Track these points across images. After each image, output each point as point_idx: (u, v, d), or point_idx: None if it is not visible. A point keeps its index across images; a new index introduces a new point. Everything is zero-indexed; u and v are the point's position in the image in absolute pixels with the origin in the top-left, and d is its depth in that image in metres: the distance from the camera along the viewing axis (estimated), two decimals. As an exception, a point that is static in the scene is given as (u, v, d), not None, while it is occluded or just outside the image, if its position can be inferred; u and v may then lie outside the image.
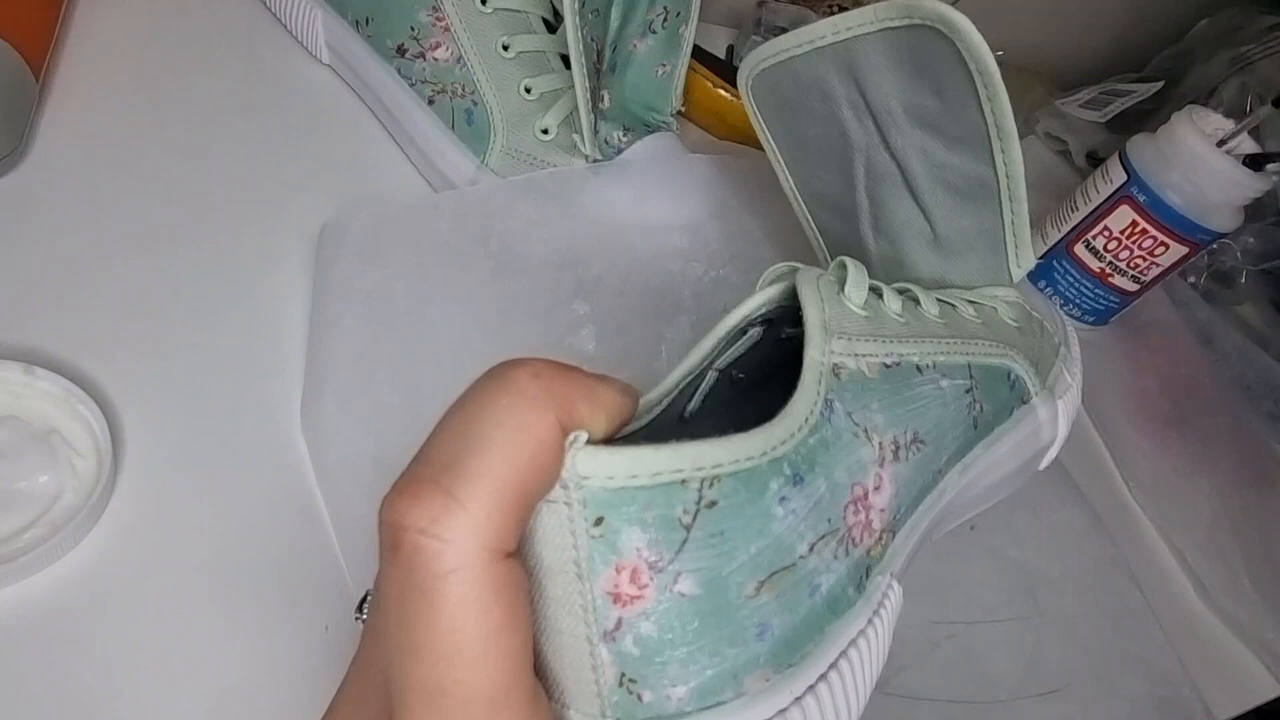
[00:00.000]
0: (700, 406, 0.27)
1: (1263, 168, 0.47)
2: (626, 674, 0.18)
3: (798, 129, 0.35)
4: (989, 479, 0.31)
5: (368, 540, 0.32)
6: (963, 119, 0.29)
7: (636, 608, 0.18)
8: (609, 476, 0.18)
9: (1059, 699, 0.36)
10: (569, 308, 0.40)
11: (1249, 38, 0.61)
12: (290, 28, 0.49)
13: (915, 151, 0.31)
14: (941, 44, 0.27)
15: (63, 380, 0.32)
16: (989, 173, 0.30)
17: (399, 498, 0.16)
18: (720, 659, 0.19)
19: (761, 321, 0.27)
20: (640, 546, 0.18)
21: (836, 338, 0.24)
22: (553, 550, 0.18)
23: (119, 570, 0.30)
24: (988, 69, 0.27)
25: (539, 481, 0.17)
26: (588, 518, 0.18)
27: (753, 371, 0.28)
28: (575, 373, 0.18)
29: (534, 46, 0.44)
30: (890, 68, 0.29)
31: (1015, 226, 0.31)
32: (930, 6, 0.27)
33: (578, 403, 0.18)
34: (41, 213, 0.38)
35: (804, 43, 0.31)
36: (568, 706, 0.18)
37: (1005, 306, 0.32)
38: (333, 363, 0.35)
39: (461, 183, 0.44)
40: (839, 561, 0.22)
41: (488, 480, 0.16)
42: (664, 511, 0.18)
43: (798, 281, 0.25)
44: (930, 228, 0.32)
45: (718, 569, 0.19)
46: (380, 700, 0.17)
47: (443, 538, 0.15)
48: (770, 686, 0.20)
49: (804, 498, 0.21)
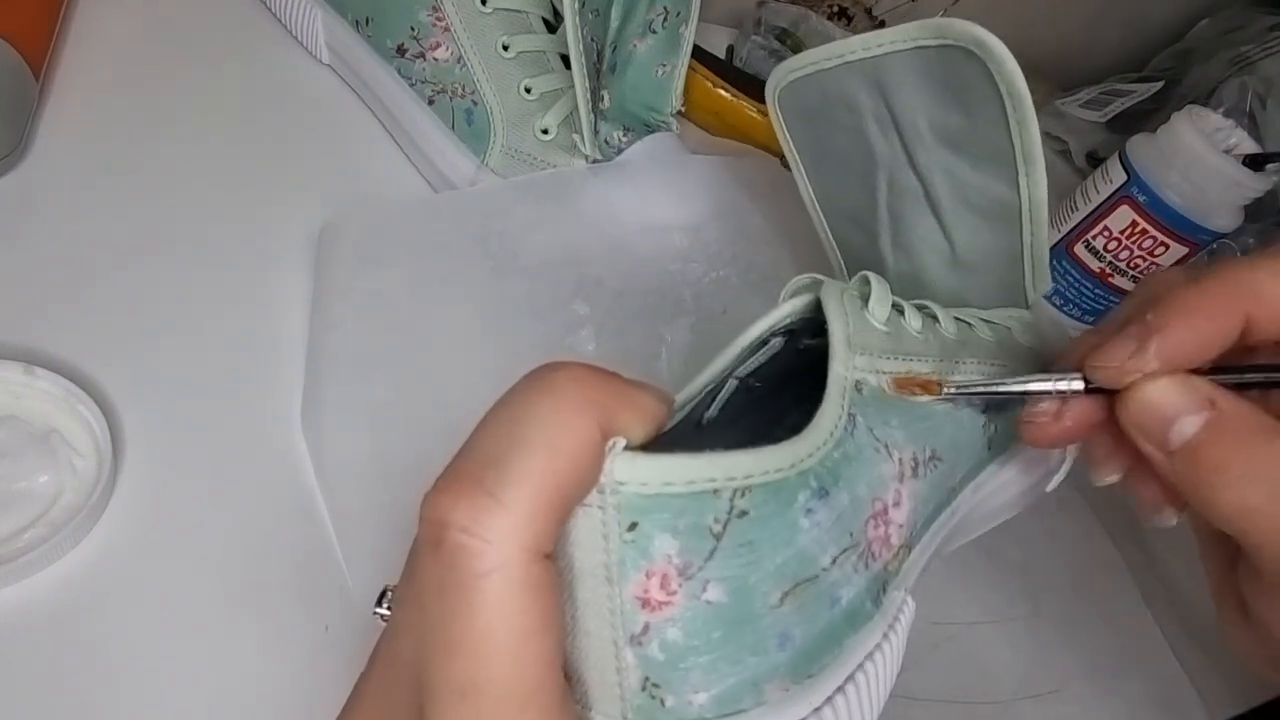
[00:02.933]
0: (718, 414, 0.27)
1: (1263, 168, 0.47)
2: (650, 678, 0.18)
3: (822, 141, 0.35)
4: (998, 499, 0.31)
5: (368, 540, 0.32)
6: (989, 140, 0.29)
7: (664, 613, 0.18)
8: (644, 483, 0.18)
9: (1058, 699, 0.36)
10: (569, 308, 0.40)
11: (1249, 38, 0.61)
12: (290, 28, 0.49)
13: (939, 169, 0.31)
14: (973, 65, 0.27)
15: (63, 380, 0.32)
16: (1012, 195, 0.30)
17: (443, 495, 0.16)
18: (742, 667, 0.19)
19: (784, 332, 0.27)
20: (671, 553, 0.18)
21: (859, 353, 0.24)
22: (584, 553, 0.18)
23: (119, 570, 0.30)
24: (1018, 92, 0.27)
25: (579, 485, 0.17)
26: (621, 523, 0.18)
27: (768, 380, 0.28)
28: (616, 378, 0.18)
29: (534, 46, 0.44)
30: (920, 86, 0.30)
31: (1034, 249, 0.31)
32: (964, 28, 0.27)
33: (618, 409, 0.18)
34: (41, 213, 0.38)
35: (834, 57, 0.31)
36: (590, 708, 0.19)
37: (1019, 327, 0.33)
38: (333, 363, 0.35)
39: (461, 183, 0.44)
40: (859, 575, 0.22)
41: (530, 482, 0.16)
42: (696, 519, 0.18)
43: (822, 295, 0.25)
44: (949, 246, 0.33)
45: (744, 578, 0.19)
46: (408, 694, 0.18)
47: (485, 537, 0.16)
48: (789, 696, 0.20)
49: (828, 511, 0.21)
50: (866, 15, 0.63)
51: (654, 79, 0.47)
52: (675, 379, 0.22)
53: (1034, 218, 0.30)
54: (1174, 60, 0.67)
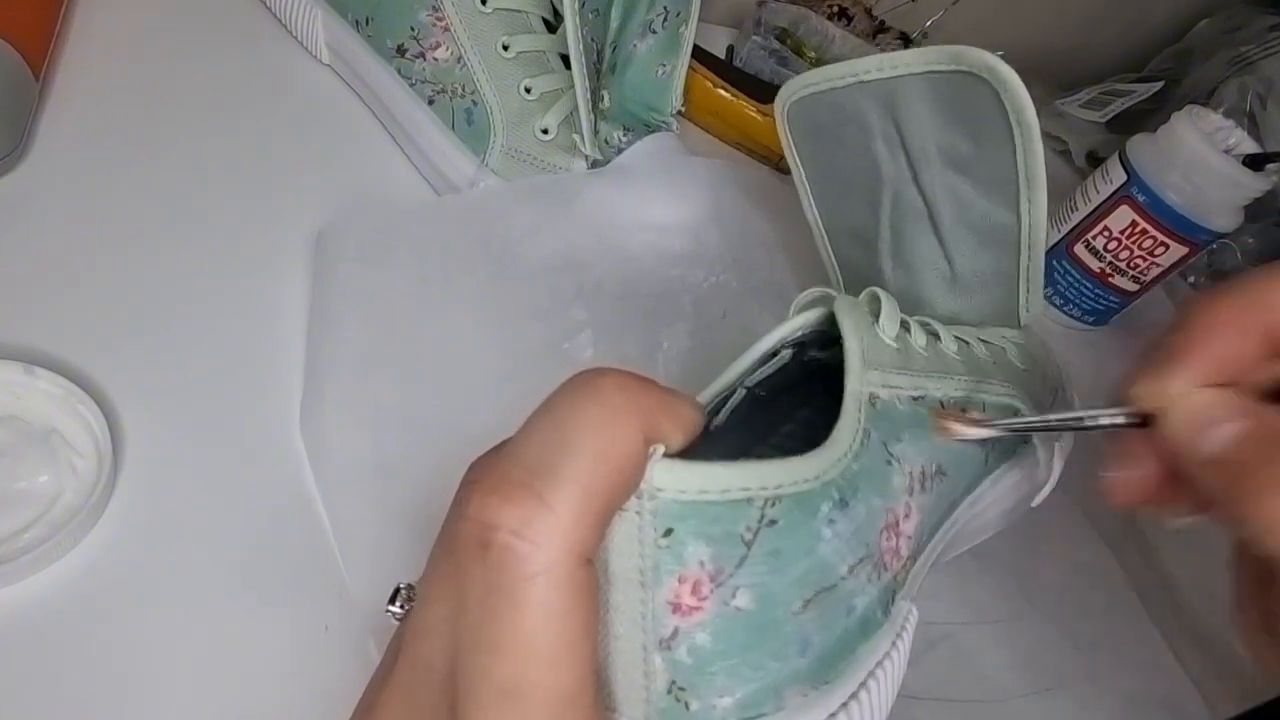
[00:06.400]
0: (725, 421, 0.28)
1: (1263, 168, 0.47)
2: (677, 682, 0.19)
3: (829, 157, 0.35)
4: (991, 512, 0.32)
5: (367, 540, 0.32)
6: (995, 165, 0.30)
7: (694, 618, 0.19)
8: (681, 490, 0.18)
9: (1055, 698, 0.36)
10: (568, 312, 0.40)
11: (1249, 38, 0.61)
12: (290, 28, 0.49)
13: (944, 190, 0.32)
14: (984, 92, 0.28)
15: (63, 380, 0.32)
16: (1012, 219, 0.31)
17: (491, 497, 0.16)
18: (764, 672, 0.20)
19: (793, 344, 0.28)
20: (704, 559, 0.19)
21: (872, 368, 0.25)
22: (620, 557, 0.18)
23: (119, 570, 0.30)
24: (1027, 121, 0.28)
25: (622, 491, 0.17)
26: (658, 528, 0.18)
27: (773, 390, 0.29)
28: (656, 386, 0.19)
29: (534, 46, 0.44)
30: (931, 109, 0.30)
31: (1030, 273, 0.32)
32: (978, 56, 0.28)
33: (660, 416, 0.18)
34: (41, 213, 0.38)
35: (848, 75, 0.32)
36: (614, 710, 0.19)
37: (1013, 348, 0.34)
38: (333, 364, 0.35)
39: (461, 182, 0.44)
40: (872, 584, 0.23)
41: (577, 487, 0.16)
42: (729, 527, 0.19)
43: (837, 311, 0.26)
44: (949, 265, 0.33)
45: (771, 585, 0.20)
46: (435, 694, 0.18)
47: (534, 540, 0.16)
48: (808, 702, 0.21)
49: (848, 521, 0.22)
50: (866, 15, 0.63)
51: (654, 79, 0.47)
52: (673, 384, 0.22)
53: (1033, 242, 0.31)
54: (1174, 60, 0.67)
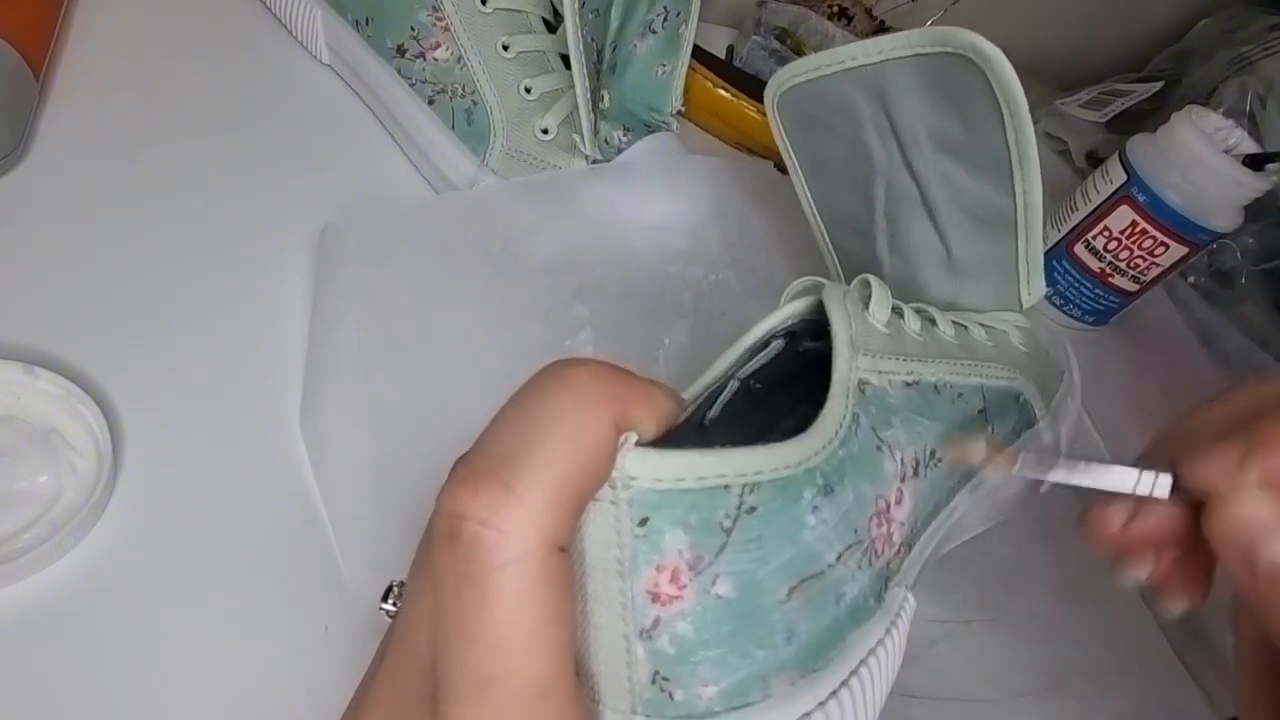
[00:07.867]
0: (719, 414, 0.28)
1: (1263, 168, 0.47)
2: (660, 672, 0.19)
3: (821, 146, 0.35)
4: (994, 499, 0.32)
5: (367, 540, 0.32)
6: (986, 147, 0.30)
7: (675, 608, 0.18)
8: (657, 479, 0.18)
9: (1056, 696, 0.36)
10: (569, 311, 0.40)
11: (1249, 38, 0.61)
12: (290, 28, 0.49)
13: (936, 175, 0.32)
14: (972, 73, 0.28)
15: (63, 380, 0.32)
16: (1008, 201, 0.30)
17: (459, 487, 0.16)
18: (750, 661, 0.19)
19: (785, 334, 0.28)
20: (682, 548, 0.18)
21: (862, 354, 0.25)
22: (596, 547, 0.18)
23: (119, 570, 0.30)
24: (1015, 101, 0.28)
25: (593, 479, 0.17)
26: (633, 517, 0.18)
27: (768, 382, 0.29)
28: (629, 374, 0.19)
29: (534, 46, 0.44)
30: (919, 93, 0.30)
31: (1029, 255, 0.32)
32: (964, 37, 0.27)
33: (632, 404, 0.18)
34: (41, 213, 0.38)
35: (834, 63, 0.31)
36: (599, 701, 0.19)
37: (1016, 331, 0.33)
38: (333, 363, 0.35)
39: (461, 182, 0.44)
40: (862, 571, 0.23)
41: (546, 475, 0.16)
42: (707, 515, 0.19)
43: (824, 297, 0.26)
44: (945, 250, 0.33)
45: (753, 573, 0.19)
46: (420, 687, 0.18)
47: (502, 529, 0.16)
48: (796, 690, 0.20)
49: (834, 508, 0.21)
50: (867, 15, 0.63)
51: (654, 79, 0.47)
52: (673, 381, 0.22)
53: (1029, 223, 0.31)
54: (1174, 60, 0.67)
